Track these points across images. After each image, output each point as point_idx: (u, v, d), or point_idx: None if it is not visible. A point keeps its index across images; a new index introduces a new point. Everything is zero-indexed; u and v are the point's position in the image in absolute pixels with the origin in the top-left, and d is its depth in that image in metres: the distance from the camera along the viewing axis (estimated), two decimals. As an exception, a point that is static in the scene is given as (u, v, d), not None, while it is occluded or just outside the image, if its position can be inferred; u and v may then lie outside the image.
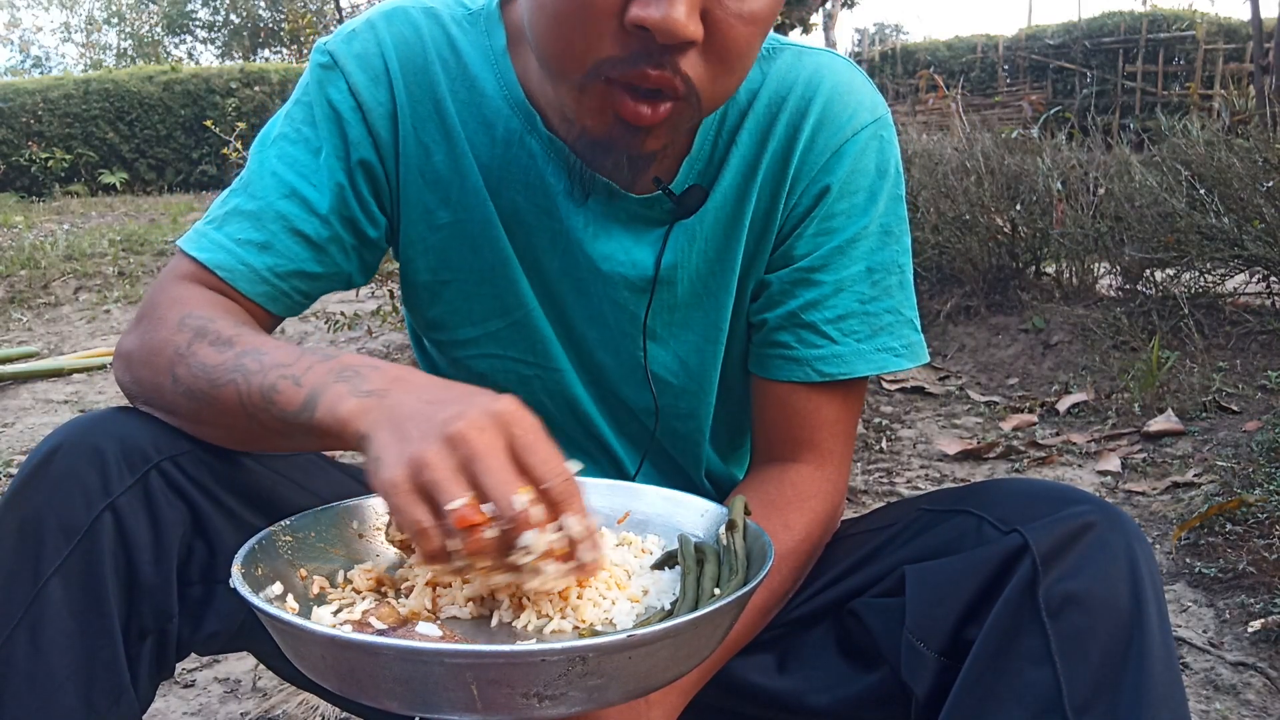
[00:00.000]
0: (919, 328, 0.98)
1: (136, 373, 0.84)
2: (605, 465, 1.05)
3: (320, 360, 0.75)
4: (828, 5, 13.37)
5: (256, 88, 13.31)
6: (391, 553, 0.82)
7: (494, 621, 0.72)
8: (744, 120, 0.93)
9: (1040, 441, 2.95)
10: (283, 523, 0.77)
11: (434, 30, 0.93)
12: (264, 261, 0.89)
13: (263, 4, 24.76)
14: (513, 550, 0.63)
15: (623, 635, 0.59)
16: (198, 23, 27.05)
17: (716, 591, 0.72)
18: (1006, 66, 15.73)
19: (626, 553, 0.81)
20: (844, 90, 0.93)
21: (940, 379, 3.75)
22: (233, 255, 0.89)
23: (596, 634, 0.69)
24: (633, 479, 1.04)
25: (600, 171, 0.90)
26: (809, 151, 0.93)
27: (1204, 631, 1.80)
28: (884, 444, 3.04)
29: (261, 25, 24.90)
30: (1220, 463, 2.53)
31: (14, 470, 2.94)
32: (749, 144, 0.93)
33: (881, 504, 2.03)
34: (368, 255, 0.96)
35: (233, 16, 25.73)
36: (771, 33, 0.97)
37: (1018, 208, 4.27)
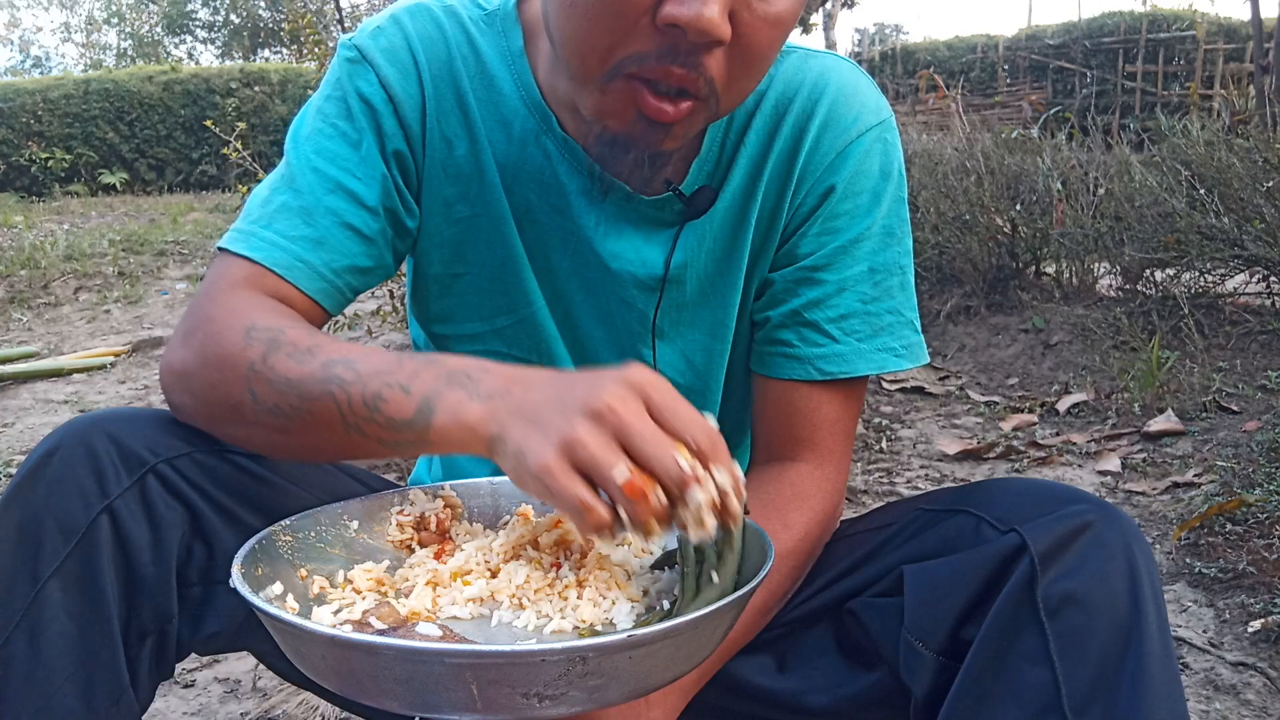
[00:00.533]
0: (919, 329, 0.98)
1: (202, 393, 0.80)
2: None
3: (424, 365, 0.73)
4: (828, 5, 13.37)
5: (256, 88, 13.31)
6: (392, 553, 0.82)
7: (494, 621, 0.72)
8: (751, 121, 0.94)
9: (1040, 441, 2.95)
10: (283, 523, 0.77)
11: (455, 28, 0.95)
12: (320, 258, 0.87)
13: (263, 4, 24.76)
14: (678, 507, 0.64)
15: (623, 635, 0.59)
16: (198, 23, 27.06)
17: (716, 592, 0.72)
18: (1006, 66, 15.73)
19: (626, 553, 0.82)
20: (849, 93, 0.95)
21: (940, 379, 3.76)
22: (288, 253, 0.87)
23: (596, 634, 0.70)
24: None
25: (615, 172, 0.90)
26: (814, 152, 0.94)
27: (1204, 631, 1.80)
28: (884, 444, 3.04)
29: (261, 25, 24.91)
30: (1220, 463, 2.53)
31: (14, 471, 2.94)
32: (756, 145, 0.95)
33: (881, 504, 2.03)
34: (400, 246, 0.96)
35: (233, 16, 25.74)
36: None
37: (1018, 208, 4.27)
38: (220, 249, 0.89)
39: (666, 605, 0.74)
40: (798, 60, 0.96)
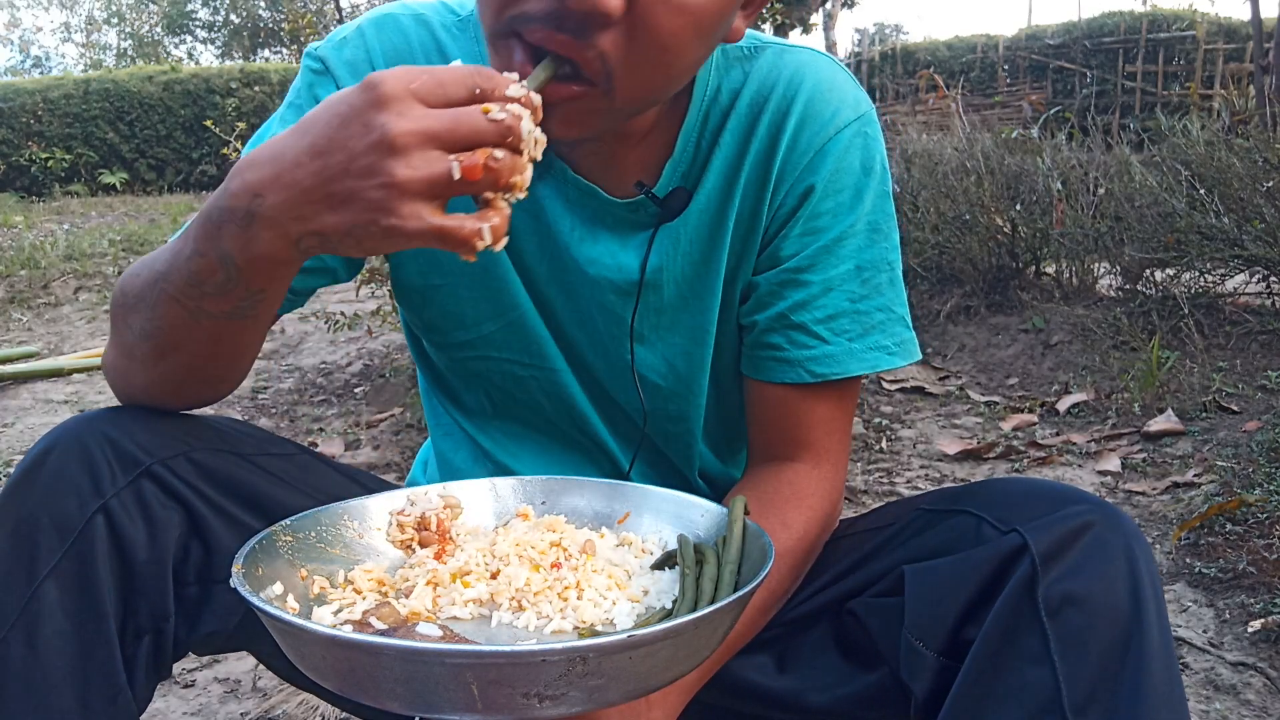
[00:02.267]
0: (911, 325, 0.98)
1: (109, 371, 0.85)
2: (601, 462, 1.05)
3: (197, 225, 0.71)
4: (828, 5, 13.37)
5: (256, 88, 13.31)
6: (392, 553, 0.82)
7: (494, 622, 0.72)
8: (726, 121, 0.93)
9: (1040, 441, 2.95)
10: (283, 523, 0.77)
11: (423, 37, 0.93)
12: None
13: (263, 4, 24.76)
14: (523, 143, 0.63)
15: (623, 635, 0.59)
16: (198, 23, 27.06)
17: (716, 591, 0.72)
18: (1006, 66, 15.73)
19: (626, 553, 0.82)
20: (826, 88, 0.93)
21: (940, 379, 3.75)
22: None
23: (596, 634, 0.70)
24: (627, 476, 1.04)
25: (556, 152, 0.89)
26: (792, 151, 0.92)
27: (1204, 631, 1.80)
28: (884, 444, 3.04)
29: (261, 25, 24.90)
30: (1220, 463, 2.53)
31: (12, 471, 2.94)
32: (731, 145, 0.93)
33: (881, 504, 2.03)
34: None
35: (233, 16, 25.73)
36: (767, 32, 0.97)
37: (1018, 208, 4.27)
38: None
39: (667, 605, 0.74)
40: (773, 56, 0.94)
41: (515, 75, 0.65)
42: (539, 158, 0.65)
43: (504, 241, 0.65)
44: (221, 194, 0.68)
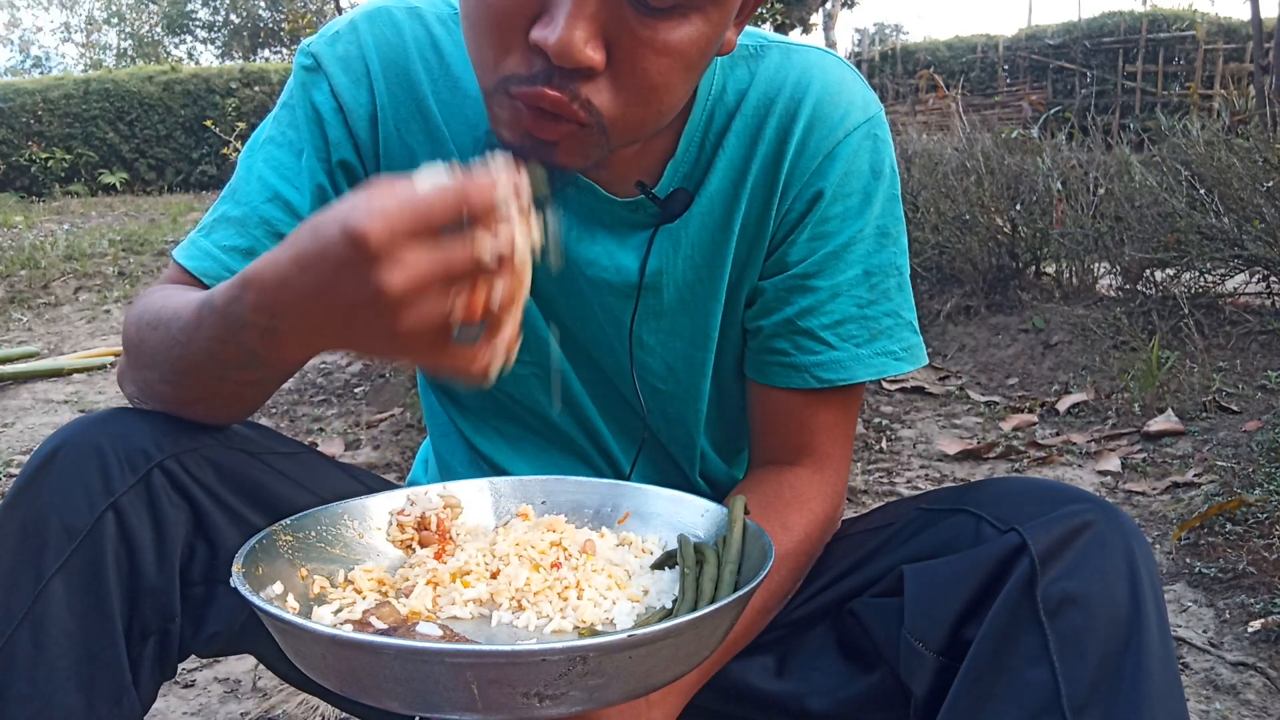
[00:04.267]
0: (918, 329, 0.97)
1: (127, 385, 0.86)
2: (602, 463, 1.05)
3: (212, 315, 0.71)
4: (828, 5, 13.37)
5: (256, 88, 13.31)
6: (392, 553, 0.82)
7: (494, 622, 0.72)
8: (731, 122, 0.91)
9: (1040, 441, 2.95)
10: (283, 522, 0.77)
11: (416, 29, 0.93)
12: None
13: (263, 4, 24.75)
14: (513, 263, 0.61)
15: (623, 635, 0.59)
16: (198, 23, 27.05)
17: (716, 591, 0.72)
18: (1006, 66, 15.73)
19: (626, 552, 0.82)
20: (834, 90, 0.91)
21: (940, 379, 3.76)
22: (218, 262, 0.89)
23: (596, 634, 0.70)
24: (628, 477, 1.04)
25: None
26: (800, 155, 0.91)
27: (1204, 631, 1.80)
28: (884, 444, 3.04)
29: (261, 25, 24.90)
30: (1220, 463, 2.53)
31: (14, 471, 2.94)
32: (736, 147, 0.92)
33: (881, 504, 2.03)
34: None
35: (233, 16, 25.73)
36: (767, 31, 0.96)
37: (1018, 208, 4.27)
38: (172, 257, 0.92)
39: (667, 605, 0.74)
40: (779, 56, 0.92)
41: (499, 164, 0.61)
42: (539, 242, 0.62)
43: (515, 351, 0.66)
44: (237, 302, 0.67)
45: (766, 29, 0.93)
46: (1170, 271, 3.82)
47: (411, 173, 0.59)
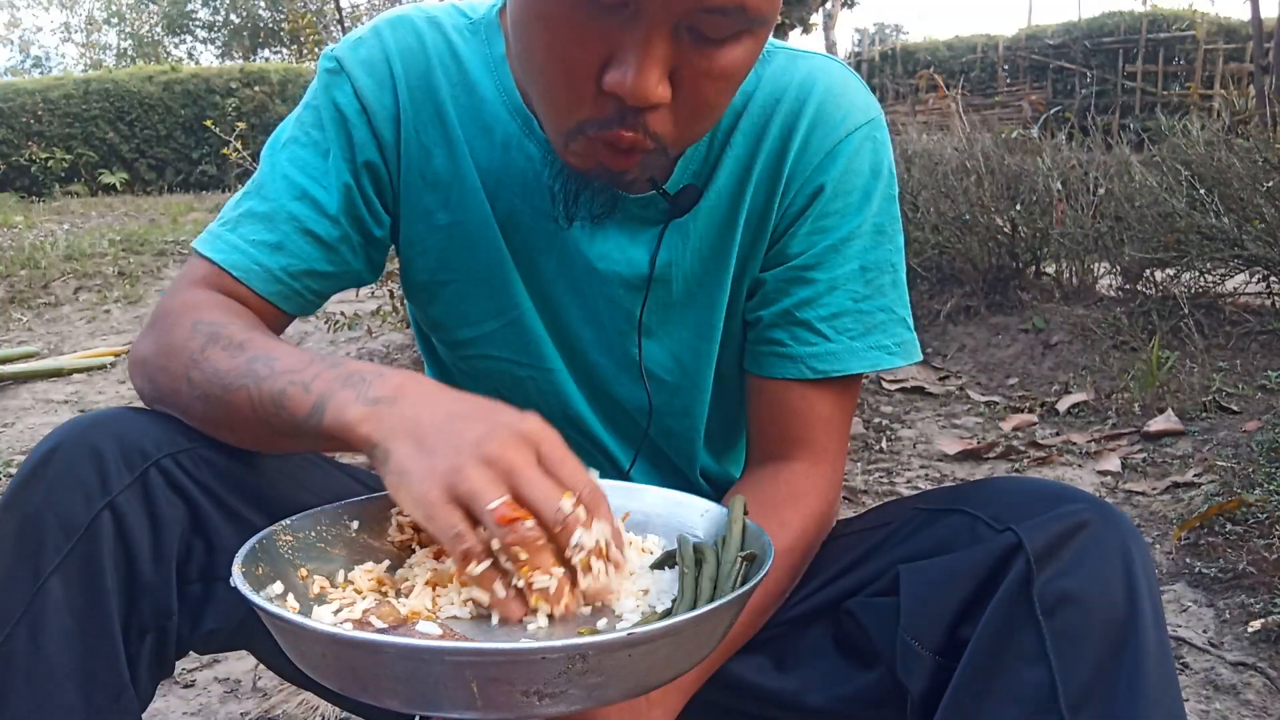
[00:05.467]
0: (912, 326, 0.99)
1: (153, 377, 0.86)
2: (600, 464, 1.05)
3: (329, 367, 0.77)
4: (828, 5, 13.38)
5: (256, 88, 13.30)
6: (392, 553, 0.82)
7: (494, 621, 0.72)
8: (738, 122, 0.94)
9: (1040, 441, 2.95)
10: (283, 522, 0.77)
11: (436, 38, 0.96)
12: (277, 262, 0.92)
13: (263, 4, 24.77)
14: (567, 549, 0.67)
15: (622, 634, 0.59)
16: (198, 23, 27.07)
17: (715, 591, 0.72)
18: (1006, 66, 15.74)
19: (629, 552, 0.82)
20: (838, 92, 0.95)
21: (940, 379, 3.76)
22: (247, 256, 0.91)
23: (596, 632, 0.70)
24: (627, 476, 1.04)
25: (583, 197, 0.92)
26: (803, 152, 0.94)
27: (1204, 631, 1.80)
28: (884, 444, 3.04)
29: (261, 25, 24.92)
30: (1220, 463, 2.53)
31: (14, 470, 2.94)
32: (743, 145, 0.95)
33: (880, 504, 2.03)
34: (375, 253, 0.99)
35: (233, 16, 25.75)
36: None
37: (1018, 208, 4.27)
38: (193, 249, 0.94)
39: (667, 605, 0.74)
40: (785, 60, 0.95)
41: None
42: (585, 582, 0.69)
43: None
44: (367, 368, 0.76)
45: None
46: (1170, 271, 3.82)
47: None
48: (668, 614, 0.72)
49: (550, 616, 0.69)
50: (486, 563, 0.66)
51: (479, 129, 0.95)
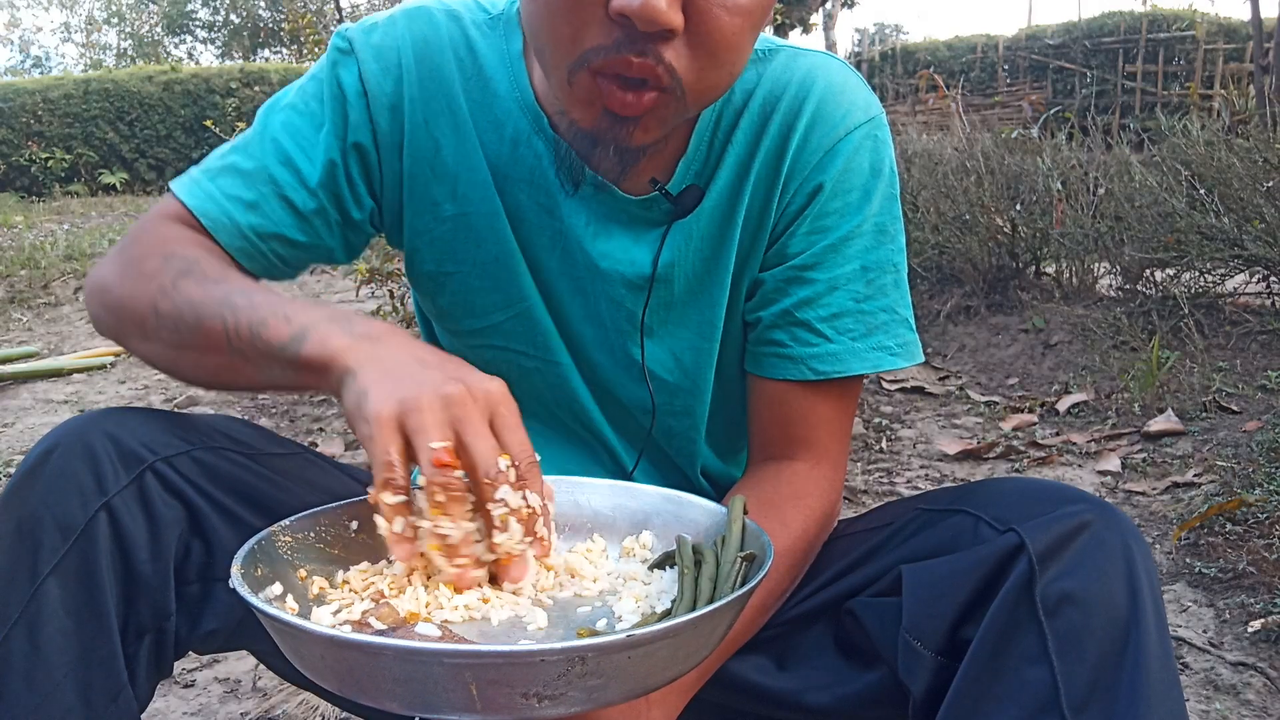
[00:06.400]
0: (914, 327, 0.98)
1: (114, 306, 0.87)
2: (604, 461, 1.05)
3: (311, 306, 0.79)
4: (828, 5, 13.37)
5: (256, 88, 13.31)
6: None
7: (494, 621, 0.72)
8: (739, 120, 0.94)
9: (1040, 441, 2.95)
10: (282, 523, 0.77)
11: (453, 31, 0.96)
12: (248, 220, 0.92)
13: (263, 4, 24.77)
14: (490, 501, 0.69)
15: (621, 635, 0.59)
16: (198, 23, 27.07)
17: (715, 591, 0.72)
18: (1006, 66, 15.73)
19: (631, 562, 0.82)
20: (838, 90, 0.94)
21: (940, 379, 3.76)
22: (219, 207, 0.92)
23: (595, 634, 0.70)
24: (630, 476, 1.04)
25: (593, 165, 0.91)
26: (802, 150, 0.93)
27: (1204, 631, 1.80)
28: (884, 444, 3.04)
29: (261, 25, 24.91)
30: (1220, 463, 2.53)
31: (14, 470, 2.94)
32: (743, 143, 0.94)
33: (880, 504, 2.03)
34: (352, 236, 0.99)
35: (233, 16, 25.74)
36: (769, 34, 0.98)
37: (1018, 208, 4.27)
38: (168, 188, 0.95)
39: (666, 605, 0.74)
40: (786, 58, 0.95)
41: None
42: (497, 539, 0.70)
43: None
44: (350, 312, 0.78)
45: (767, 30, 0.94)
46: (1170, 271, 3.82)
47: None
48: (667, 615, 0.72)
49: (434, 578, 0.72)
50: (402, 497, 0.68)
51: (490, 123, 0.95)
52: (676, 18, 0.74)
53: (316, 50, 3.93)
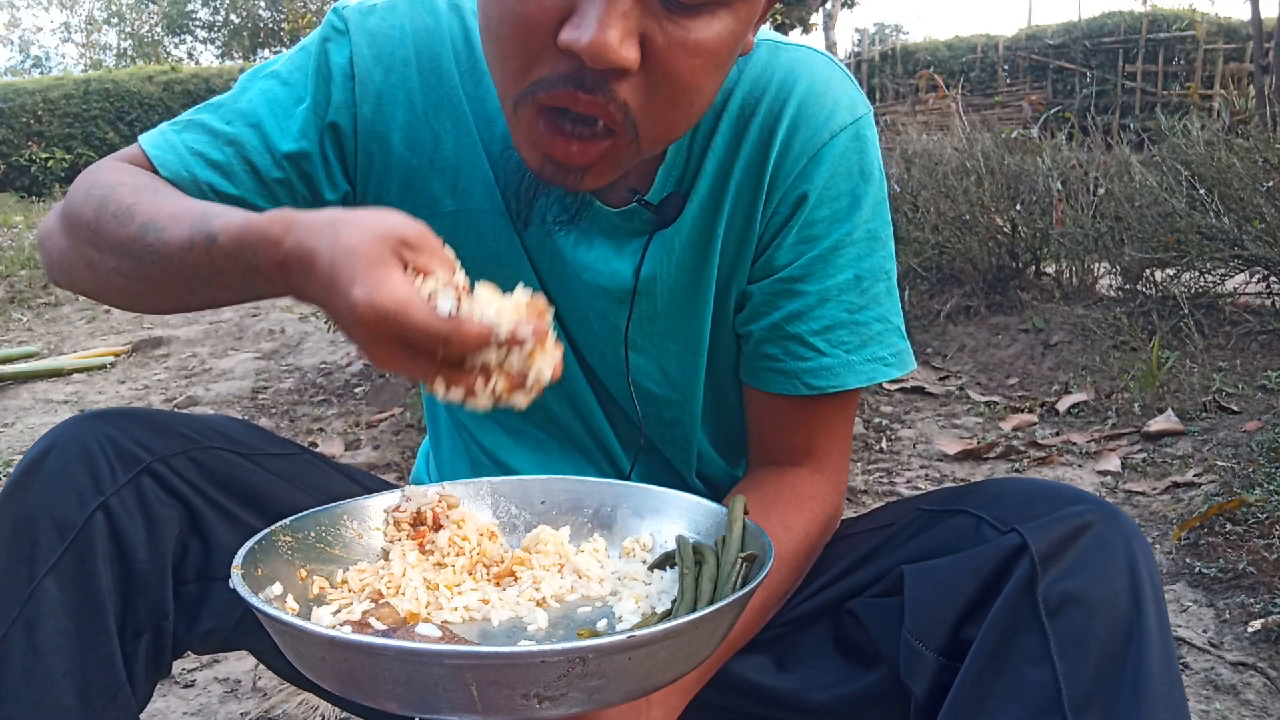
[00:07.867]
0: (905, 334, 0.96)
1: (56, 249, 0.85)
2: (603, 463, 1.04)
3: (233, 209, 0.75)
4: (828, 5, 13.37)
5: (256, 88, 13.31)
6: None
7: (495, 622, 0.72)
8: (718, 123, 0.90)
9: (1040, 441, 2.95)
10: (283, 523, 0.77)
11: (453, 22, 0.93)
12: (207, 177, 0.89)
13: (263, 4, 24.74)
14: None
15: (622, 636, 0.59)
16: (198, 23, 27.05)
17: (715, 592, 0.72)
18: (1006, 66, 15.72)
19: (632, 562, 0.82)
20: (820, 89, 0.90)
21: (940, 379, 3.75)
22: (181, 160, 0.89)
23: (596, 635, 0.70)
24: (627, 477, 1.03)
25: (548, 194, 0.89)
26: (784, 157, 0.89)
27: (1204, 631, 1.80)
28: (884, 444, 3.04)
29: (261, 25, 24.87)
30: (1220, 463, 2.53)
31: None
32: (723, 148, 0.90)
33: (881, 504, 2.03)
34: None
35: (233, 16, 25.72)
36: (764, 30, 0.96)
37: (1018, 208, 4.27)
38: (138, 139, 0.92)
39: (666, 605, 0.74)
40: (766, 54, 0.90)
41: (519, 295, 0.68)
42: (557, 360, 0.65)
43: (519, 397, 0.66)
44: (249, 251, 0.70)
45: (765, 29, 0.92)
46: (1170, 271, 3.82)
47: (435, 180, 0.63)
48: (668, 615, 0.72)
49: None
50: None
51: (484, 118, 0.92)
52: (631, 54, 0.69)
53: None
